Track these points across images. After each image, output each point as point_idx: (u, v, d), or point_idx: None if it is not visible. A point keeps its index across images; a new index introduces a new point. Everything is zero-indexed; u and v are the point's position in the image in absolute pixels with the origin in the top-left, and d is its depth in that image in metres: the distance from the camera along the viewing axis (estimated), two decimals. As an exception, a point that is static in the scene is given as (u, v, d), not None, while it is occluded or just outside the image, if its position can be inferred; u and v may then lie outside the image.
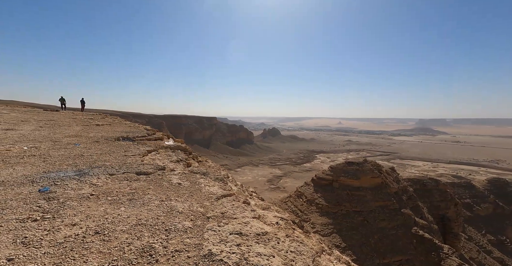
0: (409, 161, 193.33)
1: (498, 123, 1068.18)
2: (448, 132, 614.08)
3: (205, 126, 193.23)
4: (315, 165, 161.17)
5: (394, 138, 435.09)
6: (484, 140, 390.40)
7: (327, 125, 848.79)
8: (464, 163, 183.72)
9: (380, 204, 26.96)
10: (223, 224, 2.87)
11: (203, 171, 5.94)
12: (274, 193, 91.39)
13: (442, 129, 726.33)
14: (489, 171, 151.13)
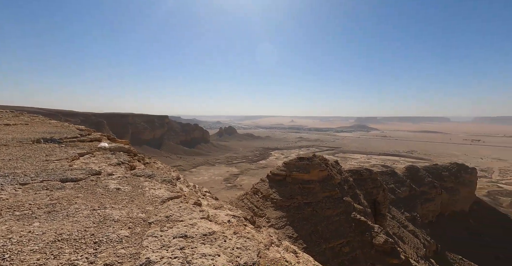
0: (349, 154, 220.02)
1: (415, 120, 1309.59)
2: (378, 128, 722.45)
3: (156, 126, 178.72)
4: (270, 162, 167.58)
5: (338, 134, 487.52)
6: (404, 135, 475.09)
7: (280, 124, 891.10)
8: (389, 154, 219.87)
9: (327, 194, 29.91)
10: (166, 228, 2.70)
11: (149, 173, 5.47)
12: (231, 191, 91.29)
13: (374, 126, 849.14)
14: (407, 160, 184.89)
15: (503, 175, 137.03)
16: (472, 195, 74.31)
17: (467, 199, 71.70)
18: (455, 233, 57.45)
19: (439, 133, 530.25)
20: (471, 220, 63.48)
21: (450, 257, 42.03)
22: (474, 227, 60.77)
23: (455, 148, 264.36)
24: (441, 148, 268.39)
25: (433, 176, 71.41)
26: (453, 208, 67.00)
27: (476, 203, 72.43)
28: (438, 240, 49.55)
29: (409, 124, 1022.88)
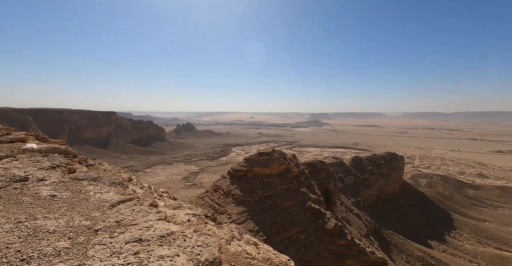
0: (305, 148, 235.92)
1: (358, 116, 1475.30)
2: (330, 123, 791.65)
3: (101, 123, 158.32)
4: (231, 158, 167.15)
5: (295, 129, 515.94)
6: (350, 129, 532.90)
7: (241, 120, 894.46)
8: (339, 146, 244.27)
9: (285, 187, 31.56)
10: (117, 234, 2.46)
11: (94, 176, 4.86)
12: (191, 190, 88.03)
13: (326, 121, 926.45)
14: (353, 151, 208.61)
15: (422, 161, 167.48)
16: (400, 179, 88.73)
17: (397, 182, 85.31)
18: (388, 212, 67.87)
19: (377, 126, 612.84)
20: (400, 200, 75.83)
21: (384, 233, 49.66)
22: (402, 205, 72.87)
23: (389, 139, 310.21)
24: (378, 139, 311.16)
25: (372, 164, 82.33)
26: (387, 191, 78.85)
27: (403, 186, 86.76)
28: (376, 219, 57.83)
29: (354, 119, 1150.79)
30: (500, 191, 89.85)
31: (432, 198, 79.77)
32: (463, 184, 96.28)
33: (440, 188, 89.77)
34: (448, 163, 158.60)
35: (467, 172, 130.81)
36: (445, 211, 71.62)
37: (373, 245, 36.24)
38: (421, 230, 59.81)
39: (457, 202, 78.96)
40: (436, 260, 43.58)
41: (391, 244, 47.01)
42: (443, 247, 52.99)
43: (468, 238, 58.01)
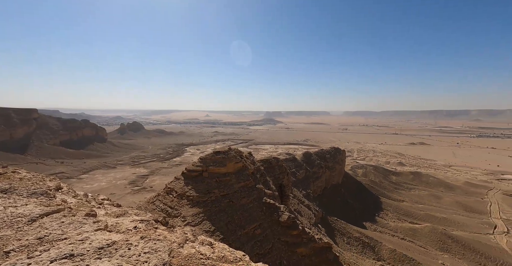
0: (261, 145, 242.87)
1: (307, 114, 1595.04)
2: (283, 121, 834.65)
3: (15, 122, 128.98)
4: (185, 158, 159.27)
5: (250, 127, 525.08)
6: (301, 126, 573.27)
7: (195, 118, 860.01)
8: (291, 143, 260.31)
9: (242, 184, 31.90)
10: (39, 252, 2.06)
11: (4, 188, 3.95)
12: (139, 195, 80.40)
13: (279, 119, 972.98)
14: (303, 147, 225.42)
15: (359, 154, 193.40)
16: (342, 171, 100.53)
17: (340, 174, 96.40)
18: (333, 200, 76.13)
19: (323, 124, 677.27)
20: (342, 189, 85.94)
21: (330, 220, 55.63)
22: (344, 194, 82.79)
23: (333, 135, 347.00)
24: (325, 135, 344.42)
25: (320, 158, 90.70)
26: (332, 182, 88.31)
27: (345, 176, 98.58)
28: (324, 208, 64.21)
29: (304, 118, 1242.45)
30: (413, 175, 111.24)
31: (367, 185, 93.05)
32: (388, 172, 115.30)
33: (372, 176, 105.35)
34: (378, 155, 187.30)
35: (391, 162, 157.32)
36: (376, 196, 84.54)
37: (321, 232, 40.18)
38: (358, 214, 69.11)
39: (384, 187, 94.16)
40: (369, 238, 51.18)
41: (335, 229, 52.97)
42: (374, 226, 62.56)
43: (391, 216, 70.02)
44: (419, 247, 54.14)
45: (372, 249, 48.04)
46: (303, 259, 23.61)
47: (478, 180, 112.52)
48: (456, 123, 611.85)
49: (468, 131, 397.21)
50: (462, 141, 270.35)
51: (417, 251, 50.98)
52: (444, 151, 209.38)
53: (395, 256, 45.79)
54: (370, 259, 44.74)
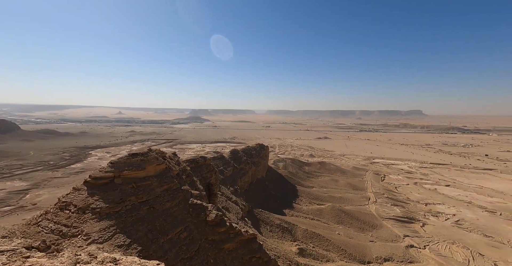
0: (187, 144, 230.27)
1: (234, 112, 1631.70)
2: (210, 119, 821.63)
3: None
4: (90, 164, 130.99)
5: (175, 126, 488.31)
6: (228, 124, 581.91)
7: (104, 116, 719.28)
8: (219, 141, 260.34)
9: (165, 187, 29.33)
10: None
11: None
12: (13, 217, 60.42)
13: (206, 117, 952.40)
14: (231, 144, 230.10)
15: (280, 149, 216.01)
16: (266, 165, 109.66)
17: (264, 168, 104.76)
18: (259, 193, 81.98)
19: (249, 122, 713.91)
20: (266, 182, 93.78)
21: (255, 212, 59.80)
22: (268, 186, 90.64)
23: (258, 133, 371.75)
24: (250, 133, 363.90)
25: (247, 155, 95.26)
26: (258, 176, 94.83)
27: (268, 170, 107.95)
28: (251, 202, 68.16)
29: (231, 116, 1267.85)
30: (319, 165, 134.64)
31: (286, 177, 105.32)
32: (302, 163, 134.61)
33: (290, 168, 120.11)
34: (294, 149, 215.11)
35: (304, 154, 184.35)
36: (293, 185, 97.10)
37: (247, 225, 42.55)
38: (279, 203, 77.34)
39: (299, 177, 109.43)
40: (288, 223, 58.47)
41: (260, 219, 57.39)
42: (292, 212, 71.88)
43: (304, 201, 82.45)
44: (324, 223, 66.39)
45: (290, 232, 55.12)
46: (230, 253, 24.32)
47: (360, 164, 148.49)
48: (347, 121, 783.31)
49: (354, 127, 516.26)
50: (350, 135, 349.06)
51: (322, 227, 62.34)
52: (340, 143, 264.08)
53: (307, 235, 54.40)
54: (288, 241, 51.24)
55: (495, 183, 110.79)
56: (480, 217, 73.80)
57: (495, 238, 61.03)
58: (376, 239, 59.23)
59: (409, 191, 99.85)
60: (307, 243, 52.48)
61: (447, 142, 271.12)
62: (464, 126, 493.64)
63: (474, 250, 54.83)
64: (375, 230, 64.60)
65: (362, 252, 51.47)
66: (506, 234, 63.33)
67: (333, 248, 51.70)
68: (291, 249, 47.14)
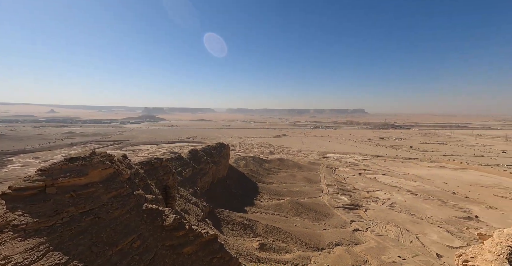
0: (140, 146, 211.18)
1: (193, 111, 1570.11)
2: (166, 118, 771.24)
3: None
4: (10, 173, 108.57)
5: (125, 125, 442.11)
6: (186, 123, 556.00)
7: (30, 115, 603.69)
8: (177, 141, 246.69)
9: (113, 194, 26.38)
10: None
11: None
12: None
13: (162, 116, 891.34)
14: (190, 144, 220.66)
15: (240, 147, 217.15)
16: (227, 164, 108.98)
17: (225, 167, 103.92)
18: (220, 193, 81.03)
19: (209, 120, 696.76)
20: (227, 181, 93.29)
21: (217, 212, 59.04)
22: (229, 185, 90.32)
23: (218, 131, 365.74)
24: (210, 132, 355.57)
25: (207, 154, 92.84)
26: (219, 175, 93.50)
27: (229, 169, 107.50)
28: (211, 202, 66.83)
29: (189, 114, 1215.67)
30: (279, 161, 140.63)
31: (247, 174, 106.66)
32: (262, 160, 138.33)
33: (251, 166, 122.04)
34: (255, 147, 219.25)
35: (264, 152, 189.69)
36: (254, 182, 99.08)
37: (208, 226, 41.67)
38: (241, 201, 77.98)
39: (260, 174, 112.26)
40: (249, 220, 59.53)
41: (221, 219, 56.90)
42: (253, 209, 73.40)
43: (265, 197, 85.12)
44: (283, 217, 69.81)
45: (251, 229, 56.22)
46: (190, 257, 23.45)
47: (315, 159, 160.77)
48: (303, 119, 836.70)
49: (309, 125, 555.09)
50: (306, 132, 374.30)
51: (281, 221, 65.47)
52: (297, 140, 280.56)
53: (267, 230, 56.40)
54: (250, 238, 52.22)
55: (417, 170, 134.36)
56: (406, 199, 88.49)
57: (417, 215, 74.15)
58: (328, 227, 65.23)
59: (355, 181, 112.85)
60: (267, 237, 54.39)
61: (383, 136, 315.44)
62: (395, 123, 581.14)
63: (402, 227, 65.59)
64: (327, 218, 71.03)
65: (316, 240, 56.05)
66: (424, 211, 77.59)
67: (291, 239, 54.86)
68: (252, 245, 48.15)
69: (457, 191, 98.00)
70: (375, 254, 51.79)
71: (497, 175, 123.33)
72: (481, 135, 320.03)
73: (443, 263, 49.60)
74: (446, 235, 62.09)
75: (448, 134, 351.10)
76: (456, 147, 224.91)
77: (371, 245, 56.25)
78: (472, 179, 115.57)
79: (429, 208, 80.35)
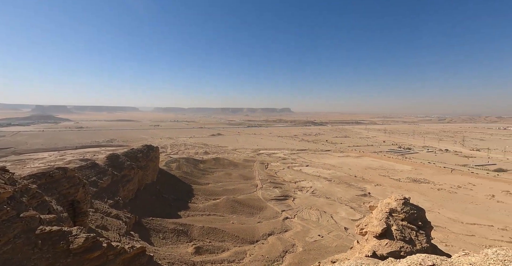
0: (30, 154, 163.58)
1: (110, 110, 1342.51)
2: (71, 118, 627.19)
3: None
4: None
5: (3, 129, 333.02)
6: (102, 124, 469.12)
7: None
8: (89, 146, 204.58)
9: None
10: None
11: None
12: None
13: (64, 116, 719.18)
14: (108, 149, 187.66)
15: (172, 148, 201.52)
16: (157, 167, 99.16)
17: (154, 171, 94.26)
18: (149, 200, 73.08)
19: (132, 120, 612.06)
20: (157, 186, 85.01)
21: (145, 222, 53.00)
22: (159, 190, 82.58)
23: (145, 133, 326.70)
24: (135, 133, 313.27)
25: (131, 159, 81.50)
26: (147, 181, 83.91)
27: (159, 173, 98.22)
28: (138, 212, 59.34)
29: (105, 114, 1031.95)
30: (214, 161, 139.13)
31: (181, 177, 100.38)
32: (197, 161, 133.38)
33: (185, 167, 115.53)
34: (188, 147, 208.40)
35: (199, 152, 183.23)
36: (189, 185, 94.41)
37: (134, 239, 36.91)
38: (174, 206, 72.87)
39: (195, 175, 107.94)
40: (183, 225, 56.53)
41: (151, 229, 51.56)
42: (188, 212, 70.07)
43: (201, 199, 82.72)
44: (219, 216, 69.85)
45: (186, 234, 53.51)
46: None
47: (249, 156, 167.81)
48: (237, 118, 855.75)
49: (243, 123, 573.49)
50: (240, 131, 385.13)
51: (218, 221, 65.38)
52: (231, 138, 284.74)
53: (203, 232, 55.10)
54: (184, 243, 49.62)
55: (331, 160, 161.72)
56: (324, 185, 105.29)
57: (331, 198, 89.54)
58: (262, 219, 69.81)
59: (284, 173, 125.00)
60: (203, 240, 53.16)
61: (306, 132, 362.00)
62: (315, 120, 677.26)
63: (321, 210, 77.77)
64: (261, 212, 75.85)
65: (252, 234, 59.04)
66: (336, 193, 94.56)
67: (228, 237, 55.63)
68: (187, 251, 45.96)
69: (357, 174, 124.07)
70: (301, 237, 59.25)
71: (380, 159, 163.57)
72: (371, 129, 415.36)
73: (349, 234, 61.92)
74: (350, 211, 77.70)
75: (351, 129, 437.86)
76: (356, 139, 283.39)
77: (298, 229, 63.98)
78: (366, 164, 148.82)
79: (339, 190, 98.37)
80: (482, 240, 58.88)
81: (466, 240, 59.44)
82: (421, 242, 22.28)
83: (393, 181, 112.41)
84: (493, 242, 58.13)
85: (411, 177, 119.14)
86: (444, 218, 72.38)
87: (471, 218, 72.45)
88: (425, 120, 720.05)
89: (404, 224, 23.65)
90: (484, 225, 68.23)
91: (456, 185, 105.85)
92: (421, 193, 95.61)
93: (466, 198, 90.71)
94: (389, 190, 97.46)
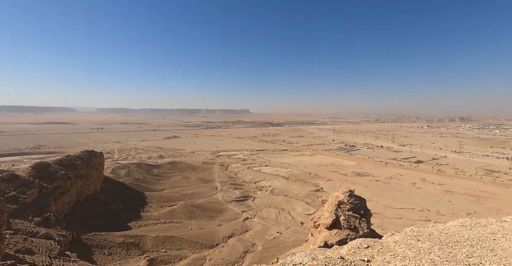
0: None
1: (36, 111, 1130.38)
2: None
3: None
4: None
5: None
6: (25, 128, 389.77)
7: None
8: (5, 154, 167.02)
9: None
10: None
11: None
12: None
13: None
14: (33, 157, 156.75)
15: (120, 153, 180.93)
16: (101, 175, 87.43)
17: (98, 180, 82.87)
18: (91, 213, 63.84)
19: (68, 123, 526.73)
20: (101, 197, 74.97)
21: (85, 238, 46.00)
22: (104, 201, 72.99)
23: (85, 137, 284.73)
24: (71, 138, 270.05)
25: (66, 167, 69.85)
26: (88, 191, 73.12)
27: (104, 181, 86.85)
28: (77, 228, 51.12)
29: (29, 116, 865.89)
30: (170, 165, 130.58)
31: (131, 184, 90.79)
32: (150, 166, 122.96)
33: (136, 174, 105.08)
34: (140, 151, 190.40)
35: (152, 156, 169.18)
36: (140, 192, 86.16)
37: (70, 260, 31.58)
38: (122, 217, 65.42)
39: (148, 182, 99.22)
40: (134, 237, 51.27)
41: (93, 245, 45.07)
42: (140, 222, 63.88)
43: (155, 207, 76.46)
44: (176, 223, 65.80)
45: (137, 246, 48.57)
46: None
47: (208, 159, 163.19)
48: (194, 119, 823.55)
49: (202, 125, 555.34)
50: (198, 132, 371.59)
51: (174, 228, 61.47)
52: (189, 140, 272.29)
53: (158, 242, 50.97)
54: (135, 258, 44.98)
55: (288, 159, 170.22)
56: (282, 184, 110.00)
57: (289, 195, 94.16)
58: (222, 222, 68.63)
59: (244, 174, 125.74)
60: (158, 250, 49.17)
61: (264, 133, 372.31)
62: (272, 121, 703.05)
63: (280, 207, 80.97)
64: (221, 214, 74.53)
65: (211, 238, 57.42)
66: (293, 191, 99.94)
67: (186, 245, 52.80)
68: (138, 265, 41.75)
69: (311, 171, 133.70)
70: (260, 236, 60.44)
71: (331, 157, 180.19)
72: (322, 129, 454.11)
73: (304, 228, 66.03)
74: (306, 206, 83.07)
75: (305, 129, 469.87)
76: (310, 138, 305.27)
77: (258, 228, 65.10)
78: (318, 161, 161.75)
79: (296, 187, 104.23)
80: (407, 221, 70.43)
81: (396, 222, 70.21)
82: (363, 229, 25.20)
83: (341, 176, 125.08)
84: (414, 221, 70.24)
85: (355, 171, 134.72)
86: (380, 205, 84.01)
87: (400, 203, 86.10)
88: (365, 121, 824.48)
89: (350, 214, 26.39)
90: (408, 208, 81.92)
91: (389, 176, 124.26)
92: (363, 185, 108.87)
93: (396, 186, 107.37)
94: (338, 184, 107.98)
